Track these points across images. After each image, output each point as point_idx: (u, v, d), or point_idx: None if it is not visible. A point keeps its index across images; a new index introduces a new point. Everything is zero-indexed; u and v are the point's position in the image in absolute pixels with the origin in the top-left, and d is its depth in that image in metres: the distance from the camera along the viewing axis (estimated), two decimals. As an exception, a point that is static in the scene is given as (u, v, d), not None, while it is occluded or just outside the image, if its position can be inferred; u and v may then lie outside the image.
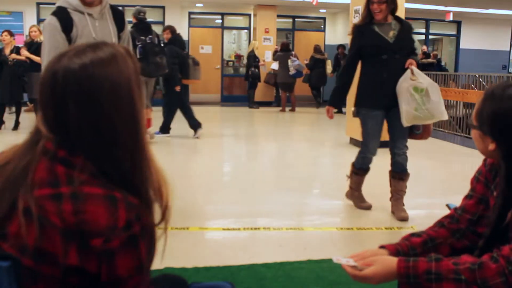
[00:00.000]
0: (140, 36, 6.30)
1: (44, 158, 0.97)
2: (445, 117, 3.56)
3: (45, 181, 0.95)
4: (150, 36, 6.51)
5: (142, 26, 6.53)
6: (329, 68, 12.55)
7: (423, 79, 3.48)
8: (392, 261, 1.32)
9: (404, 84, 3.47)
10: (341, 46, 12.55)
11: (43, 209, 0.93)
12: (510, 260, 1.21)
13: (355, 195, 3.95)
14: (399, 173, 3.73)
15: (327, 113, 3.89)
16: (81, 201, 0.93)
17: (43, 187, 0.95)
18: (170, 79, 7.10)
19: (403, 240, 1.53)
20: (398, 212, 3.72)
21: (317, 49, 12.64)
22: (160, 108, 7.70)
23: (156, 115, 7.52)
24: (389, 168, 3.79)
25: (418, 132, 3.66)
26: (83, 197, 0.94)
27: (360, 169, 3.85)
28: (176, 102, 7.34)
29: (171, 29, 7.60)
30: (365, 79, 3.70)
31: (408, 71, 3.50)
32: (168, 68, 6.74)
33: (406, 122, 3.50)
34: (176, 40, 7.49)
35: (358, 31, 3.67)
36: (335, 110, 4.02)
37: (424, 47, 13.32)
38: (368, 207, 3.91)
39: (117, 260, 0.95)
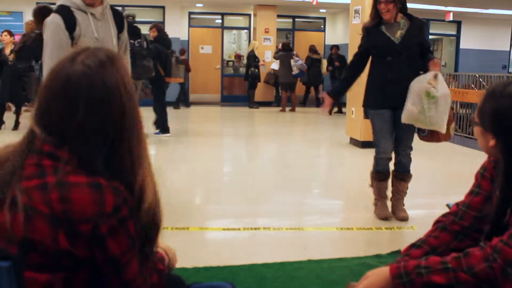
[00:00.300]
0: (129, 39, 6.38)
1: (33, 154, 1.03)
2: (443, 130, 3.50)
3: (33, 174, 1.01)
4: (138, 40, 6.60)
5: (130, 30, 6.61)
6: (324, 67, 12.52)
7: (441, 88, 3.42)
8: (385, 270, 1.36)
9: (418, 84, 3.41)
10: (335, 47, 12.40)
11: (31, 199, 0.98)
12: (496, 248, 1.23)
13: (377, 205, 3.78)
14: (401, 173, 3.72)
15: (323, 101, 3.80)
16: (67, 189, 0.99)
17: (31, 179, 1.00)
18: (154, 78, 7.16)
19: (403, 255, 1.53)
20: (398, 212, 3.71)
21: (312, 49, 12.65)
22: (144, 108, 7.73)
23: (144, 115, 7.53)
24: (392, 168, 3.78)
25: (423, 134, 3.64)
26: (68, 186, 0.99)
27: (377, 173, 3.73)
28: (163, 98, 7.43)
29: (157, 27, 7.65)
30: (370, 79, 3.70)
31: (431, 73, 3.43)
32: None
33: (404, 119, 3.48)
34: (161, 39, 7.54)
35: (365, 32, 3.65)
36: (334, 109, 3.94)
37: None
38: (387, 217, 3.68)
39: (110, 243, 1.02)
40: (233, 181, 5.22)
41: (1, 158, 1.07)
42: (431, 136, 3.61)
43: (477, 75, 9.12)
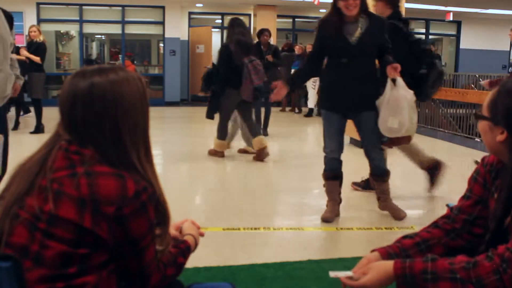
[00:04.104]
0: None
1: (60, 151, 1.17)
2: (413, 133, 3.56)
3: (63, 166, 1.15)
4: None
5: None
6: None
7: (408, 92, 3.38)
8: (387, 265, 1.33)
9: (396, 95, 3.35)
10: (266, 31, 9.01)
11: (62, 185, 1.12)
12: (504, 258, 1.21)
13: (328, 206, 3.67)
14: (379, 176, 3.66)
15: (276, 91, 3.63)
16: (94, 177, 1.12)
17: (61, 171, 1.14)
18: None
19: (394, 242, 1.53)
20: (395, 212, 3.69)
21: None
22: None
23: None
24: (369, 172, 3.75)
25: (384, 140, 3.61)
26: (95, 174, 1.13)
27: (326, 171, 3.70)
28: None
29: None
30: (324, 79, 3.64)
31: (390, 82, 3.34)
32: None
33: (390, 133, 3.47)
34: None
35: (321, 28, 3.44)
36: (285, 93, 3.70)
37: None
38: (328, 219, 3.59)
39: (131, 224, 1.13)
40: (233, 181, 5.22)
41: (31, 157, 1.21)
42: (391, 141, 3.61)
43: (477, 75, 9.13)
